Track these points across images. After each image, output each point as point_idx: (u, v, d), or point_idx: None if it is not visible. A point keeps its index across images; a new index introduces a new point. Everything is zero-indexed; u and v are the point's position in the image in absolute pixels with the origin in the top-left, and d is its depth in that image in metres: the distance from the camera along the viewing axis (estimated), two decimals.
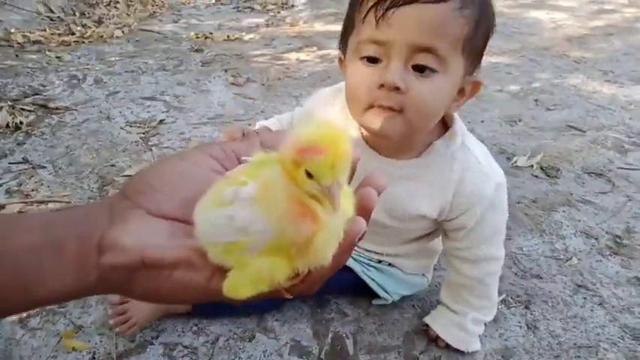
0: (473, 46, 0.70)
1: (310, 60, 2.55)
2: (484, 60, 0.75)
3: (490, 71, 2.45)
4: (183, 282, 0.33)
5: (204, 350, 0.94)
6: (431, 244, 0.98)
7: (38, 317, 0.99)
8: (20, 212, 1.25)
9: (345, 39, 0.77)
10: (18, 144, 1.60)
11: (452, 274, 0.94)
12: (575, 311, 1.07)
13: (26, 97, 1.91)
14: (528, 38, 3.05)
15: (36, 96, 1.94)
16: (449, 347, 0.95)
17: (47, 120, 1.77)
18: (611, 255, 1.24)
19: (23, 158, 1.52)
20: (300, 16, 3.40)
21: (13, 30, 2.58)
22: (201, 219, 0.33)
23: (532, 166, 1.62)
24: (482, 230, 0.85)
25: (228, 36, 2.86)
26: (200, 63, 2.42)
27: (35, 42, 2.52)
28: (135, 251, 0.32)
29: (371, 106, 0.71)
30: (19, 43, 2.46)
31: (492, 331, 1.01)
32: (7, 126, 1.68)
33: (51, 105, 1.86)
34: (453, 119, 0.82)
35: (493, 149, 1.72)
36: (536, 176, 1.58)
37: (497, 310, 0.96)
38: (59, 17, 2.94)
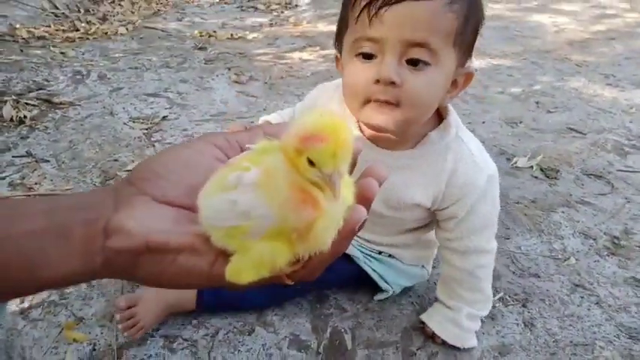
0: (464, 40, 0.72)
1: (313, 59, 2.56)
2: (486, 62, 0.77)
3: (492, 73, 2.45)
4: (186, 267, 0.34)
5: (204, 343, 0.95)
6: (428, 235, 0.99)
7: (39, 308, 1.00)
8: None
9: (340, 39, 0.79)
10: (22, 138, 1.61)
11: (444, 268, 0.96)
12: (572, 310, 1.08)
13: (30, 92, 1.93)
14: (530, 41, 3.05)
15: (40, 91, 1.95)
16: (445, 344, 0.96)
17: (51, 115, 1.78)
18: (608, 255, 1.25)
19: (27, 152, 1.53)
20: (303, 16, 3.41)
21: (18, 25, 2.60)
22: (204, 204, 0.34)
23: (532, 167, 1.63)
24: (472, 221, 0.87)
25: (231, 35, 2.87)
26: (203, 61, 2.43)
27: (40, 38, 2.53)
28: (140, 236, 0.33)
29: (368, 101, 0.74)
30: (24, 39, 2.48)
31: (489, 328, 1.02)
32: (12, 120, 1.69)
33: (55, 100, 1.88)
34: (448, 111, 0.84)
35: (493, 150, 1.73)
36: (535, 177, 1.59)
37: (494, 308, 0.97)
38: (64, 14, 2.95)
